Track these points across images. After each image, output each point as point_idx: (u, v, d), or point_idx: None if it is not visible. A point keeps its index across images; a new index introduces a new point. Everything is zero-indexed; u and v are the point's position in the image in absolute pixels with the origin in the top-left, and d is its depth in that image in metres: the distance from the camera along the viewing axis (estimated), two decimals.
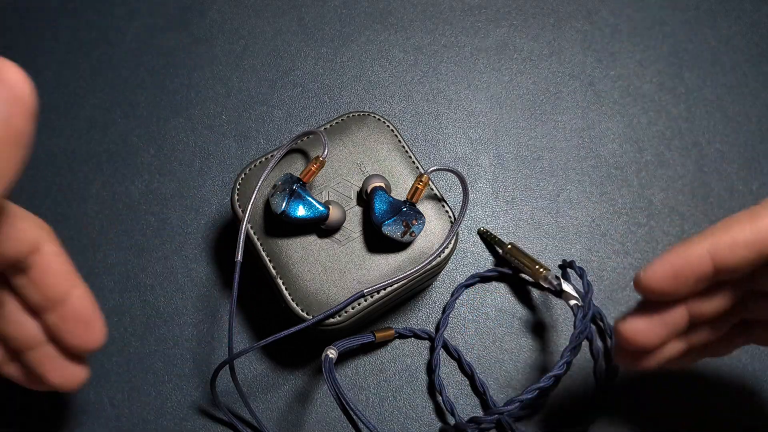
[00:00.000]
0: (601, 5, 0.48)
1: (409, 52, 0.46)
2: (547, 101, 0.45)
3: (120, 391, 0.37)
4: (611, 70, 0.46)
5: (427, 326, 0.39)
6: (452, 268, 0.40)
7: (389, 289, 0.33)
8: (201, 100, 0.44)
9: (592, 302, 0.35)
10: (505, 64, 0.46)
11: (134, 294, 0.39)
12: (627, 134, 0.44)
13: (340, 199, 0.35)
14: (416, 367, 0.38)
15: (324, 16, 0.47)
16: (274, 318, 0.38)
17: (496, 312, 0.39)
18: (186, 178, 0.42)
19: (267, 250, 0.34)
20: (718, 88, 0.45)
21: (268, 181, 0.36)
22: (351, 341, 0.34)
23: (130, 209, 0.41)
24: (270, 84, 0.45)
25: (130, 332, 0.38)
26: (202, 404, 0.36)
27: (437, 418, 0.37)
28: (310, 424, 0.36)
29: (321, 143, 0.37)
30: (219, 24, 0.47)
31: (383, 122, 0.38)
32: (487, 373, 0.37)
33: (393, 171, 0.36)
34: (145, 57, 0.45)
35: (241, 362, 0.37)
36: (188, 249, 0.40)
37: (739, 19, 0.47)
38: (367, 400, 0.37)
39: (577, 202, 0.42)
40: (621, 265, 0.40)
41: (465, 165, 0.43)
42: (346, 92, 0.45)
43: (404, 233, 0.33)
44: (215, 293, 0.39)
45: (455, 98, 0.45)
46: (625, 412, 0.37)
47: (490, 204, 0.42)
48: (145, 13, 0.47)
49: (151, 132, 0.43)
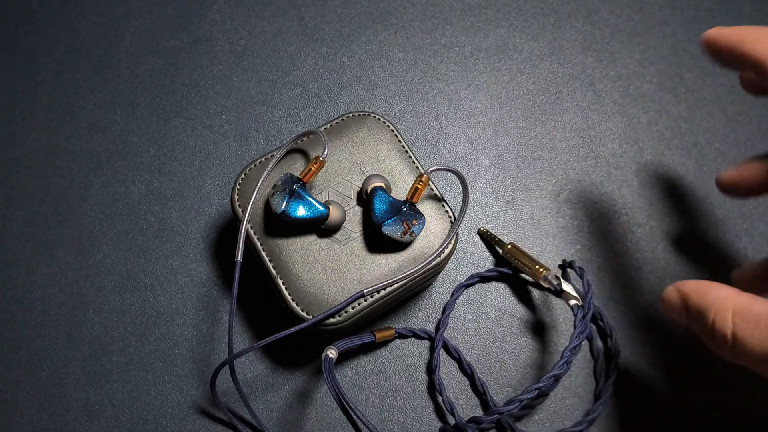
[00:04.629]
0: (601, 5, 0.48)
1: (409, 52, 0.46)
2: (547, 101, 0.45)
3: (120, 391, 0.37)
4: (611, 70, 0.46)
5: (427, 326, 0.39)
6: (452, 268, 0.40)
7: (389, 289, 0.33)
8: (201, 100, 0.44)
9: (592, 302, 0.35)
10: (505, 64, 0.46)
11: (134, 294, 0.39)
12: (627, 134, 0.44)
13: (340, 199, 0.35)
14: (416, 367, 0.38)
15: (324, 16, 0.47)
16: (274, 318, 0.38)
17: (496, 312, 0.39)
18: (186, 178, 0.42)
19: (267, 250, 0.34)
20: (718, 88, 0.45)
21: (268, 181, 0.36)
22: (351, 341, 0.34)
23: (130, 209, 0.41)
24: (270, 84, 0.45)
25: (130, 332, 0.38)
26: (202, 404, 0.36)
27: (437, 418, 0.37)
28: (310, 424, 0.36)
29: (321, 143, 0.37)
30: (219, 24, 0.47)
31: (383, 122, 0.38)
32: (487, 373, 0.37)
33: (393, 171, 0.36)
34: (145, 57, 0.45)
35: (241, 362, 0.37)
36: (188, 249, 0.40)
37: (739, 19, 0.47)
38: (367, 400, 0.37)
39: (577, 202, 0.42)
40: (621, 265, 0.40)
41: (465, 165, 0.43)
42: (346, 92, 0.45)
43: (404, 233, 0.33)
44: (215, 293, 0.39)
45: (455, 98, 0.45)
46: (625, 412, 0.37)
47: (490, 204, 0.42)
48: (145, 13, 0.47)
49: (151, 132, 0.43)
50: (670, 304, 0.31)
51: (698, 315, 0.29)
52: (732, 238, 0.41)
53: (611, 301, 0.39)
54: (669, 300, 0.31)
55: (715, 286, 0.30)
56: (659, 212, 0.42)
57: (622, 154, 0.43)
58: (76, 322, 0.38)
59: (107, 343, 0.38)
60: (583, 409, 0.37)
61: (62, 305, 0.39)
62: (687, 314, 0.30)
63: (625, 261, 0.40)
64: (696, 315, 0.29)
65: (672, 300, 0.31)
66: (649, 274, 0.40)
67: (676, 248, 0.41)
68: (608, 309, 0.39)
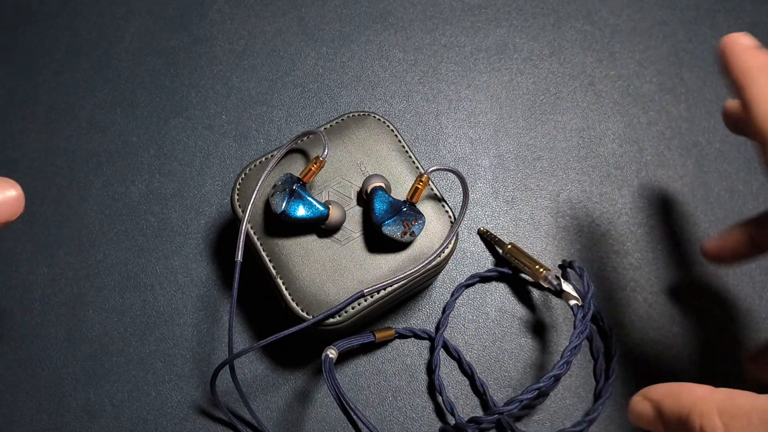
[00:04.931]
0: (601, 5, 0.48)
1: (409, 52, 0.46)
2: (547, 101, 0.45)
3: (120, 391, 0.37)
4: (611, 70, 0.46)
5: (427, 326, 0.39)
6: (452, 268, 0.40)
7: (389, 289, 0.33)
8: (201, 100, 0.44)
9: (592, 302, 0.35)
10: (505, 64, 0.46)
11: (134, 294, 0.39)
12: (627, 134, 0.44)
13: (340, 199, 0.35)
14: (416, 367, 0.38)
15: (324, 16, 0.47)
16: (274, 318, 0.38)
17: (496, 312, 0.39)
18: (186, 178, 0.42)
19: (267, 250, 0.34)
20: (718, 88, 0.45)
21: (268, 181, 0.36)
22: (351, 341, 0.34)
23: (130, 209, 0.41)
24: (270, 84, 0.45)
25: (130, 332, 0.38)
26: (202, 404, 0.36)
27: (437, 418, 0.37)
28: (310, 424, 0.36)
29: (321, 143, 0.37)
30: (219, 24, 0.47)
31: (383, 122, 0.38)
32: (487, 373, 0.37)
33: (393, 171, 0.36)
34: (145, 57, 0.45)
35: (241, 362, 0.37)
36: (188, 249, 0.40)
37: (739, 19, 0.47)
38: (367, 400, 0.37)
39: (577, 202, 0.42)
40: (621, 265, 0.40)
41: (465, 165, 0.43)
42: (346, 92, 0.45)
43: (404, 233, 0.33)
44: (215, 293, 0.39)
45: (455, 98, 0.45)
46: (625, 412, 0.37)
47: (490, 204, 0.42)
48: (145, 13, 0.47)
49: (151, 132, 0.43)
50: (640, 415, 0.28)
51: (680, 422, 0.26)
52: None
53: (611, 301, 0.39)
54: (638, 411, 0.28)
55: (687, 387, 0.27)
56: (659, 212, 0.42)
57: (622, 154, 0.43)
58: (76, 322, 0.38)
59: (107, 343, 0.38)
60: (583, 409, 0.37)
61: (62, 305, 0.39)
62: (664, 424, 0.27)
63: (625, 261, 0.40)
64: (677, 423, 0.27)
65: (642, 411, 0.28)
66: (649, 274, 0.40)
67: (676, 248, 0.41)
68: (608, 309, 0.39)
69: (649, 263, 0.40)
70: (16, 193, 0.27)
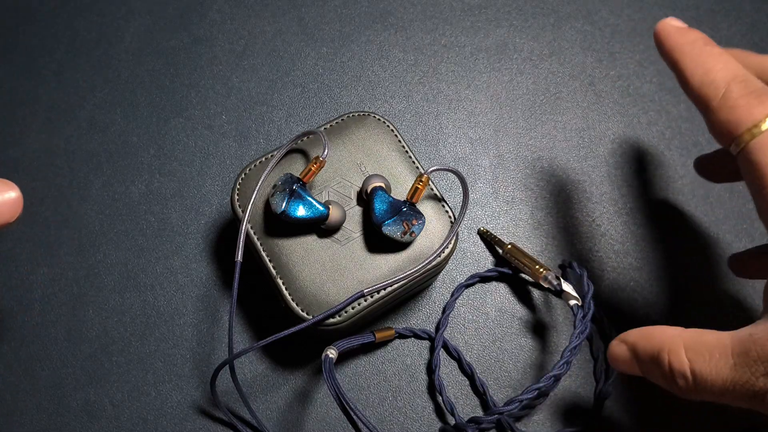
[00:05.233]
0: (601, 5, 0.48)
1: (409, 52, 0.46)
2: (547, 101, 0.45)
3: (120, 391, 0.37)
4: (611, 70, 0.46)
5: (427, 326, 0.39)
6: (452, 268, 0.40)
7: (389, 289, 0.33)
8: (201, 100, 0.44)
9: (592, 302, 0.35)
10: (505, 64, 0.46)
11: (134, 294, 0.39)
12: (627, 134, 0.44)
13: (340, 199, 0.35)
14: (416, 367, 0.38)
15: (324, 16, 0.47)
16: (274, 318, 0.38)
17: (496, 312, 0.39)
18: (186, 178, 0.42)
19: (267, 250, 0.34)
20: None
21: (268, 181, 0.36)
22: (351, 341, 0.34)
23: (130, 209, 0.41)
24: (270, 84, 0.45)
25: (130, 332, 0.38)
26: (202, 404, 0.36)
27: (437, 418, 0.37)
28: (310, 424, 0.36)
29: (321, 143, 0.37)
30: (219, 24, 0.47)
31: (383, 122, 0.38)
32: (487, 373, 0.37)
33: (393, 171, 0.36)
34: (145, 57, 0.45)
35: (241, 362, 0.37)
36: (188, 249, 0.40)
37: (739, 19, 0.47)
38: (367, 400, 0.37)
39: (577, 202, 0.42)
40: (621, 265, 0.40)
41: (465, 165, 0.43)
42: (346, 92, 0.45)
43: (404, 233, 0.33)
44: (215, 293, 0.39)
45: (455, 98, 0.45)
46: (625, 412, 0.37)
47: (490, 204, 0.42)
48: (145, 13, 0.47)
49: (151, 132, 0.43)
50: (618, 358, 0.30)
51: (651, 360, 0.28)
52: (732, 238, 0.41)
53: (611, 301, 0.39)
54: (616, 354, 0.30)
55: (659, 328, 0.29)
56: (659, 212, 0.42)
57: (622, 154, 0.43)
58: (76, 322, 0.38)
59: (107, 343, 0.38)
60: (583, 409, 0.37)
61: (62, 305, 0.39)
62: (639, 363, 0.29)
63: (625, 261, 0.40)
64: (649, 361, 0.28)
65: (619, 353, 0.30)
66: (649, 274, 0.40)
67: (676, 248, 0.41)
68: (608, 309, 0.39)
69: (650, 263, 0.40)
70: (16, 195, 0.27)
